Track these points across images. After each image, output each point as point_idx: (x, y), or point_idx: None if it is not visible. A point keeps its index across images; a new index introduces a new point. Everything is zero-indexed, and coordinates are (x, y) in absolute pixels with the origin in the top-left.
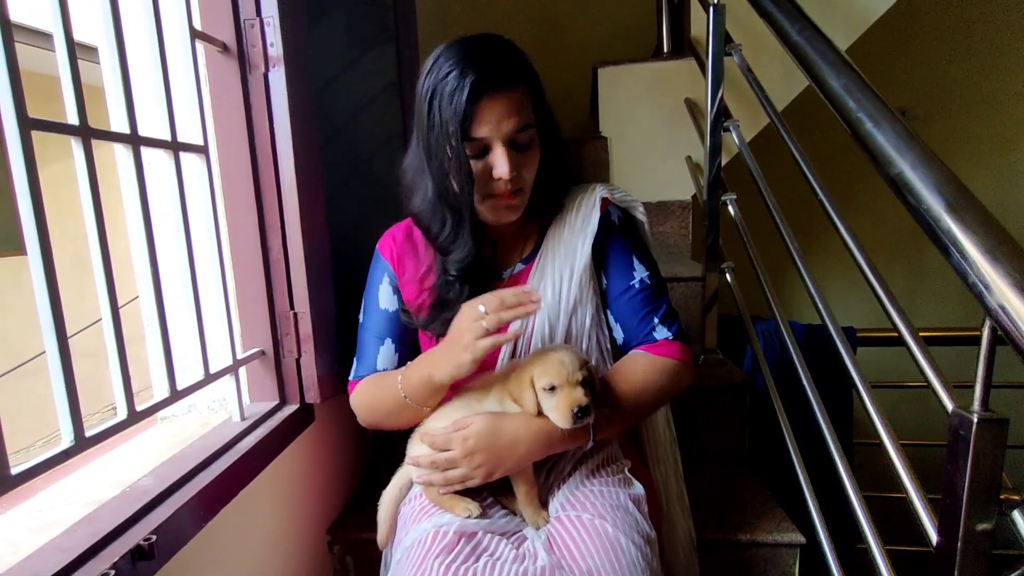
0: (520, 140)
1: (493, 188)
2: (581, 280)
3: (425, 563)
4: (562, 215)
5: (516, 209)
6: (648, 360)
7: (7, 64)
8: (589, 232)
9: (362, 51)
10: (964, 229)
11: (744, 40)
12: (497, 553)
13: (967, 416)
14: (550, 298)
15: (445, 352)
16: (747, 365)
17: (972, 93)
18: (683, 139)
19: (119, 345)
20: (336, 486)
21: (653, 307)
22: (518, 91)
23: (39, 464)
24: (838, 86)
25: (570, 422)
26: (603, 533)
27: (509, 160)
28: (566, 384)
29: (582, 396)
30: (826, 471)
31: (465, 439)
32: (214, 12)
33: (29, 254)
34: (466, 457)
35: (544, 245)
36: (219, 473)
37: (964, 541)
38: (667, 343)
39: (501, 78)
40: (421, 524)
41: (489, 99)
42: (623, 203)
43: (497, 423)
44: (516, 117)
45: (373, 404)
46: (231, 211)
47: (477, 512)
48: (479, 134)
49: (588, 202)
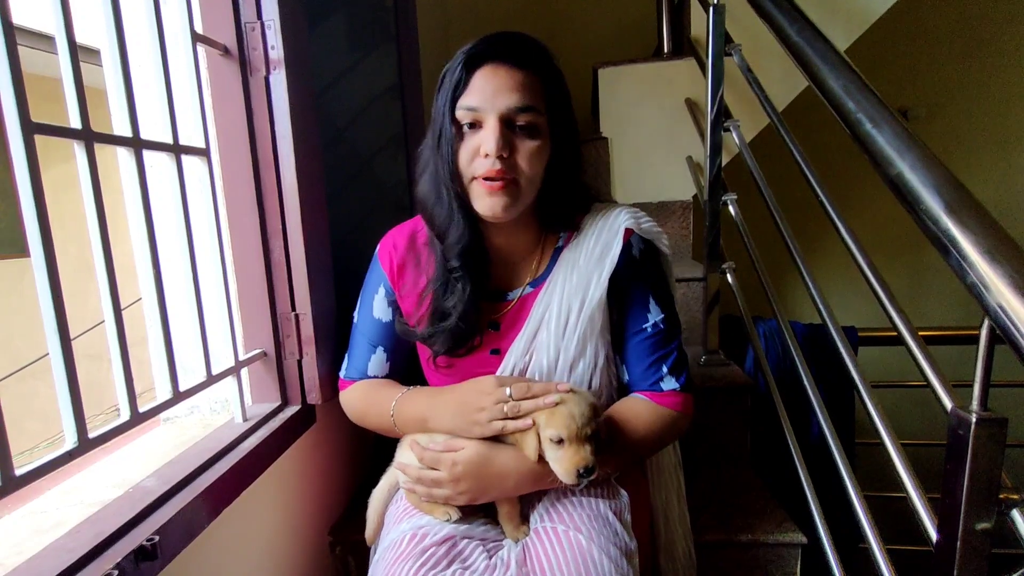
0: (520, 122)
1: (480, 167)
2: (592, 316)
3: (397, 565)
4: (579, 237)
5: (507, 205)
6: (652, 410)
7: (10, 69)
8: (607, 264)
9: (363, 53)
10: (963, 229)
11: (744, 40)
12: (469, 561)
13: (965, 416)
14: (553, 329)
15: (451, 411)
16: (749, 365)
17: (974, 92)
18: (684, 139)
19: (122, 347)
20: (337, 487)
21: (663, 353)
22: (525, 71)
23: (43, 465)
24: (838, 87)
25: (575, 481)
26: (576, 546)
27: (499, 136)
28: (574, 440)
29: (589, 455)
30: (828, 471)
31: (454, 464)
32: (215, 15)
33: (32, 258)
34: (452, 481)
35: (556, 269)
36: (222, 474)
37: (963, 540)
38: (673, 394)
39: (506, 51)
40: (401, 525)
41: (490, 68)
42: (647, 234)
43: (488, 455)
44: (516, 94)
45: (363, 413)
46: (232, 213)
47: (456, 517)
48: (471, 103)
49: (609, 228)
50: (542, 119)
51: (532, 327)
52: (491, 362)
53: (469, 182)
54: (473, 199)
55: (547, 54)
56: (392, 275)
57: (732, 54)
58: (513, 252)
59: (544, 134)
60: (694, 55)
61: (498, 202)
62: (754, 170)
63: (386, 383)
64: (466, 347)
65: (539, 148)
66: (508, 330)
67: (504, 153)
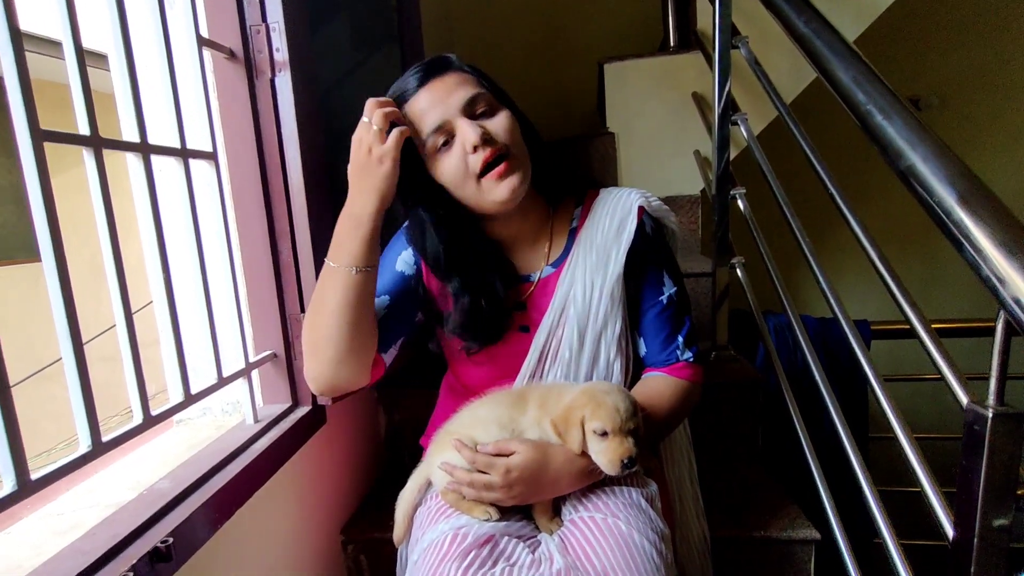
0: (479, 110)
1: (476, 162)
2: (613, 291)
3: (442, 566)
4: (592, 217)
5: (519, 180)
6: (672, 387)
7: (19, 79)
8: (624, 240)
9: (367, 53)
10: (977, 222)
11: (751, 32)
12: (514, 558)
13: (982, 411)
14: (580, 304)
15: (358, 182)
16: (759, 360)
17: (988, 80)
18: (691, 133)
19: (133, 352)
20: (348, 486)
21: (678, 324)
22: (452, 72)
23: (58, 469)
24: (847, 79)
25: (619, 471)
26: (616, 532)
27: (473, 125)
28: (618, 432)
29: (632, 447)
30: (841, 466)
31: (508, 471)
32: (220, 19)
33: (44, 265)
34: (505, 487)
35: (575, 248)
36: (234, 475)
37: (981, 537)
38: (688, 366)
39: (431, 68)
40: (438, 525)
41: (424, 90)
42: (657, 213)
43: (543, 460)
44: (459, 90)
45: (310, 321)
46: (241, 215)
47: (496, 516)
48: (434, 120)
49: (622, 207)
50: (491, 96)
51: (559, 304)
52: (522, 339)
53: (476, 183)
54: (486, 196)
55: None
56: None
57: (739, 47)
58: (526, 235)
59: (498, 105)
60: (700, 48)
61: (511, 182)
62: (763, 163)
63: None
64: (497, 338)
65: (506, 118)
66: (534, 309)
67: (486, 137)
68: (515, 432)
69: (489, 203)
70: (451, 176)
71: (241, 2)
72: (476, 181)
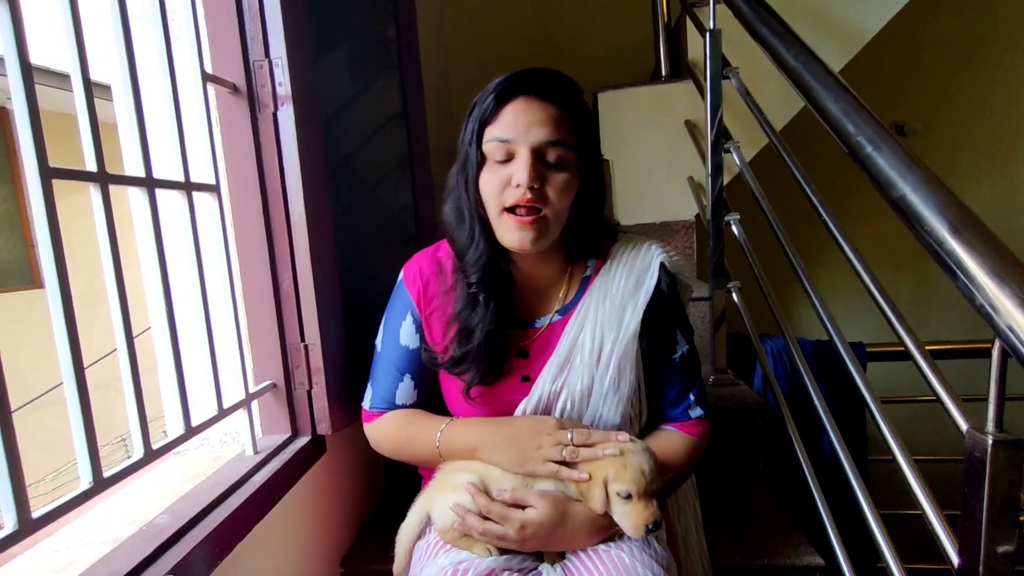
0: (550, 156)
1: (510, 197)
2: (627, 346)
3: None
4: (608, 267)
5: (535, 238)
6: (684, 443)
7: (30, 118)
8: (642, 296)
9: (367, 83)
10: (969, 251)
11: (741, 62)
12: None
13: (981, 438)
14: (588, 356)
15: (506, 443)
16: (757, 384)
17: (970, 104)
18: (684, 160)
19: (136, 391)
20: (348, 517)
21: (690, 382)
22: (555, 106)
23: (59, 507)
24: (836, 110)
25: (643, 535)
26: (620, 564)
27: (531, 168)
28: (643, 496)
29: (656, 510)
30: (841, 489)
31: (523, 527)
32: (224, 54)
33: (49, 298)
34: (519, 541)
35: (585, 297)
36: (234, 509)
37: (985, 564)
38: (699, 422)
39: (537, 85)
40: (438, 560)
41: (522, 102)
42: (675, 269)
43: (561, 519)
44: (548, 128)
45: (399, 445)
46: (242, 246)
47: (497, 553)
48: (503, 135)
49: (641, 261)
50: (571, 154)
51: (562, 354)
52: (523, 389)
53: (499, 213)
54: (501, 231)
55: (577, 90)
56: (419, 299)
57: (730, 77)
58: (539, 281)
59: (572, 168)
60: (692, 78)
61: (527, 236)
62: (755, 189)
63: (419, 413)
64: (497, 373)
65: (568, 181)
66: (537, 357)
67: (535, 184)
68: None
69: (499, 234)
70: (487, 188)
71: (245, 38)
72: (500, 210)
